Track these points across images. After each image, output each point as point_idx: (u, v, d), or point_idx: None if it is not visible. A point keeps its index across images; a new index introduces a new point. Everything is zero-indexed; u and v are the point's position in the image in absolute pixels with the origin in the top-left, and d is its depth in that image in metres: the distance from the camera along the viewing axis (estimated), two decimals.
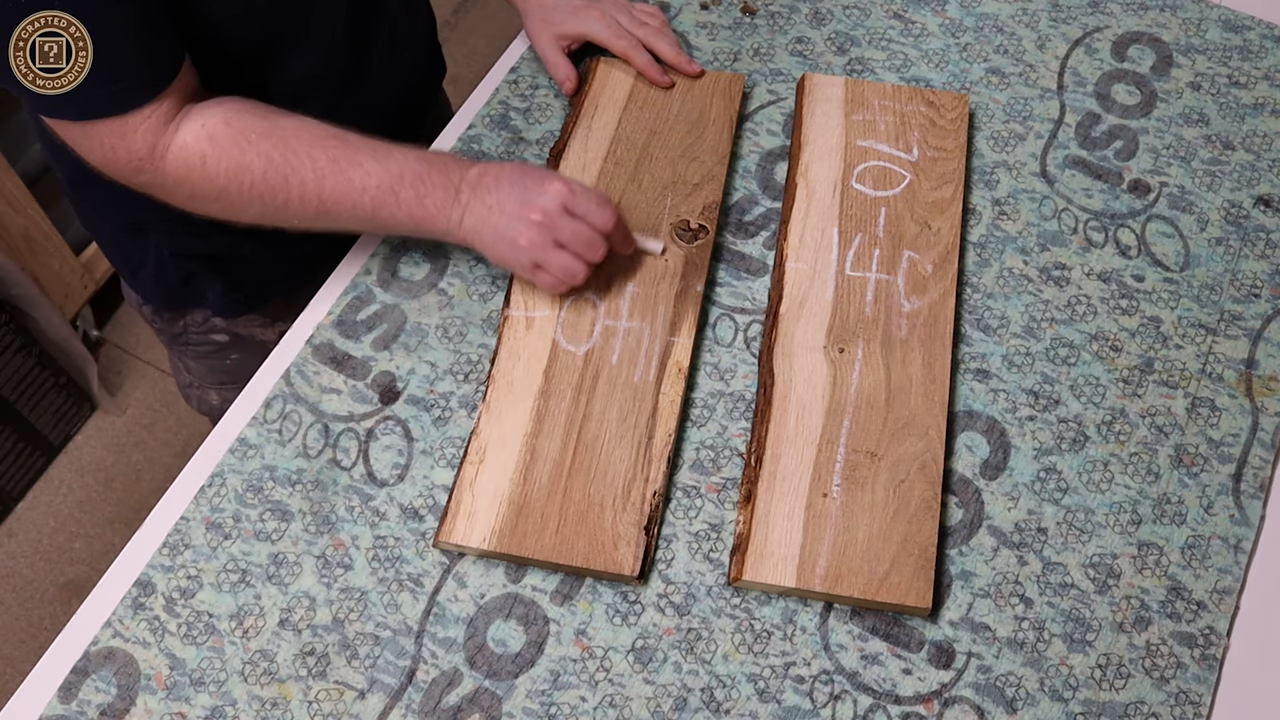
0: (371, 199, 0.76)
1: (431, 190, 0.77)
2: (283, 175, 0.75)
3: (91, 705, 0.70)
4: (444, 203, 0.78)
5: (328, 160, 0.76)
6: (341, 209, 0.77)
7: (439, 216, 0.78)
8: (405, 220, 0.78)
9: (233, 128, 0.75)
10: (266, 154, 0.75)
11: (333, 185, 0.76)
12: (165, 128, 0.74)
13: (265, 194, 0.76)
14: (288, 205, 0.77)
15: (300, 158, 0.75)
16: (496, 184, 0.78)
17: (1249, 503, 0.78)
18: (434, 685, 0.71)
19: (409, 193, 0.77)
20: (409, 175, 0.77)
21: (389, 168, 0.77)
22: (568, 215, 0.77)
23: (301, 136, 0.76)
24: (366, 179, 0.76)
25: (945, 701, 0.71)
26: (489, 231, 0.78)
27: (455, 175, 0.78)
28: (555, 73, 0.96)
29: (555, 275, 0.78)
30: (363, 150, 0.77)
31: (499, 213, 0.77)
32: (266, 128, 0.76)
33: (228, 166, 0.75)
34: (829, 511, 0.75)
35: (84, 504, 1.69)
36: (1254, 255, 0.89)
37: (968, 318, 0.86)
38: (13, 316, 1.55)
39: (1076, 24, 1.03)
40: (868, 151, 0.92)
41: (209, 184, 0.75)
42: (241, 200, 0.76)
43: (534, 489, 0.75)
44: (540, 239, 0.77)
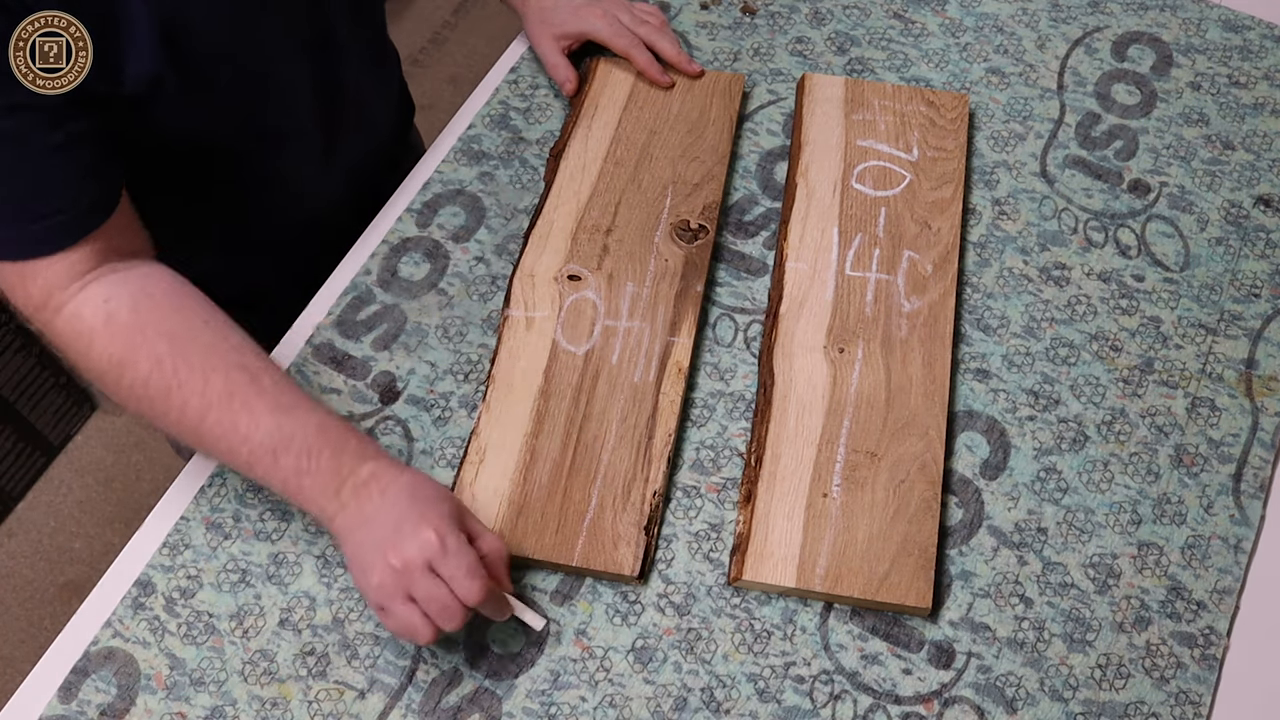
0: (249, 452, 0.67)
1: (315, 471, 0.67)
2: (167, 388, 0.67)
3: (91, 705, 0.70)
4: (322, 490, 0.67)
5: (222, 392, 0.67)
6: (217, 448, 0.69)
7: (311, 502, 0.68)
8: (278, 488, 0.68)
9: (138, 316, 0.68)
10: (159, 359, 0.67)
11: (215, 420, 0.67)
12: (68, 284, 0.68)
13: (143, 399, 0.68)
14: (165, 417, 0.69)
15: (194, 377, 0.67)
16: (380, 498, 0.67)
17: (1249, 503, 0.78)
18: (434, 685, 0.71)
19: (290, 462, 0.67)
20: (299, 444, 0.67)
21: (282, 427, 0.67)
22: (429, 573, 0.65)
23: (209, 354, 0.68)
24: (253, 430, 0.67)
25: (945, 701, 0.71)
26: (353, 545, 0.67)
27: (347, 466, 0.67)
28: (556, 74, 0.96)
29: (395, 626, 0.66)
30: (265, 395, 0.68)
31: (368, 531, 0.66)
32: (173, 328, 0.68)
33: (112, 356, 0.68)
34: (829, 511, 0.75)
35: (84, 504, 1.69)
36: (1254, 255, 0.89)
37: (968, 318, 0.86)
38: (13, 316, 1.55)
39: (1076, 24, 1.03)
40: (868, 151, 0.92)
41: (89, 364, 0.69)
42: (117, 393, 0.69)
43: (534, 489, 0.75)
44: (391, 585, 0.65)
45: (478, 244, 0.89)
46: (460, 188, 0.92)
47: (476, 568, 0.65)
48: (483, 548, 0.67)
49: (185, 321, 0.69)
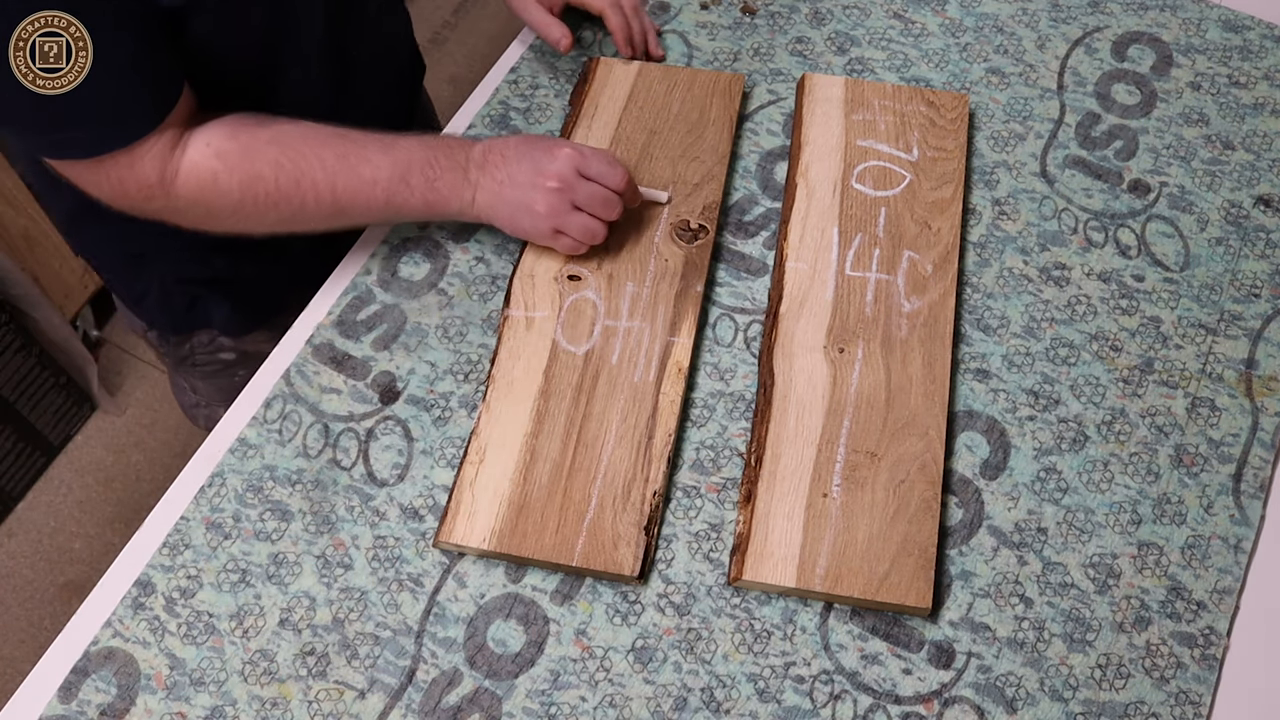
0: (384, 190, 0.78)
1: (441, 174, 0.79)
2: (294, 180, 0.76)
3: (91, 705, 0.70)
4: (455, 184, 0.80)
5: (336, 158, 0.77)
6: (356, 204, 0.78)
7: (452, 198, 0.80)
8: (419, 206, 0.80)
9: (238, 141, 0.76)
10: (275, 161, 0.76)
11: (344, 182, 0.77)
12: (171, 152, 0.74)
13: (280, 201, 0.76)
14: (303, 209, 0.77)
15: (309, 160, 0.76)
16: (504, 159, 0.80)
17: (1249, 503, 0.78)
18: (434, 685, 0.71)
19: (419, 179, 0.79)
20: (417, 162, 0.79)
21: (396, 157, 0.78)
22: (581, 178, 0.79)
23: (307, 139, 0.77)
24: (377, 172, 0.77)
25: (945, 701, 0.71)
26: (504, 205, 0.80)
27: (462, 156, 0.80)
28: (549, 33, 0.94)
29: (576, 237, 0.81)
30: (369, 144, 0.78)
31: (511, 186, 0.79)
32: (271, 135, 0.77)
33: (240, 179, 0.75)
34: (829, 511, 0.75)
35: (84, 504, 1.69)
36: (1254, 255, 0.89)
37: (968, 318, 0.86)
38: (13, 316, 1.55)
39: (1076, 24, 1.03)
40: (868, 151, 0.92)
41: (223, 200, 0.76)
42: (257, 210, 0.77)
43: (534, 489, 0.75)
44: (558, 204, 0.79)
45: (478, 244, 0.89)
46: None
47: (613, 157, 0.81)
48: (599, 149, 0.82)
49: (272, 128, 0.77)
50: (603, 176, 0.80)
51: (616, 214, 0.81)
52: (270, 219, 0.78)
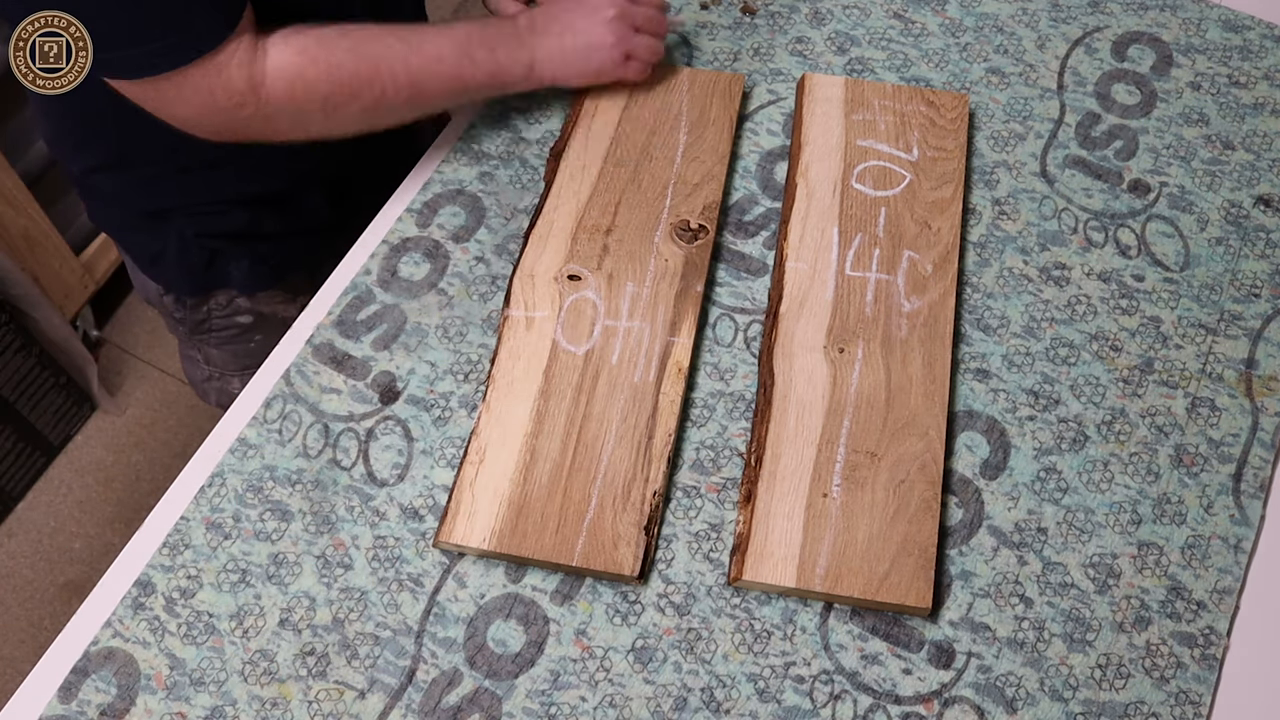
0: (451, 66, 0.83)
1: (499, 44, 0.85)
2: (373, 64, 0.80)
3: (91, 705, 0.70)
4: (513, 51, 0.86)
5: (401, 42, 0.81)
6: (429, 84, 0.83)
7: (513, 65, 0.86)
8: (484, 79, 0.85)
9: (311, 37, 0.79)
10: (351, 49, 0.80)
11: (417, 62, 0.82)
12: (254, 56, 0.76)
13: (363, 88, 0.80)
14: (384, 95, 0.81)
15: (380, 46, 0.81)
16: (553, 17, 0.88)
17: (1249, 503, 0.78)
18: (434, 685, 0.71)
19: (481, 52, 0.84)
20: (474, 37, 0.85)
21: (455, 36, 0.84)
22: (630, 2, 0.89)
23: (370, 31, 0.81)
24: (441, 50, 0.83)
25: (945, 701, 0.71)
26: (569, 53, 0.87)
27: (510, 27, 0.87)
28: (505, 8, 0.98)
29: (644, 58, 0.90)
30: (425, 30, 0.84)
31: (571, 33, 0.87)
32: (339, 31, 0.80)
33: (324, 70, 0.79)
34: (829, 511, 0.75)
35: (84, 504, 1.69)
36: (1254, 255, 0.89)
37: (968, 318, 0.86)
38: (13, 316, 1.55)
39: (1076, 24, 1.03)
40: (868, 151, 0.92)
41: (312, 95, 0.79)
42: (343, 101, 0.80)
43: (534, 489, 0.75)
44: (622, 31, 0.88)
45: (478, 244, 0.89)
46: (460, 188, 0.92)
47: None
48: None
49: (337, 28, 0.81)
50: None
51: (666, 28, 0.92)
52: (355, 111, 0.82)
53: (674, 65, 0.99)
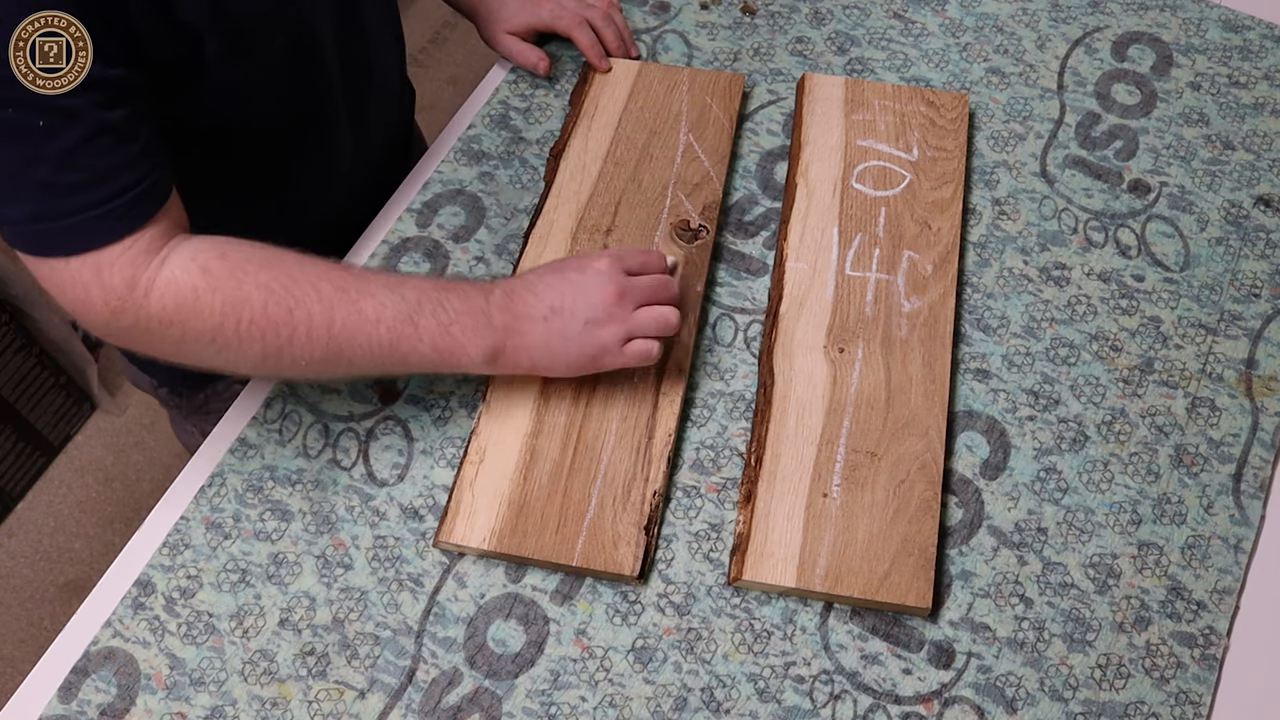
0: (388, 330, 0.68)
1: (456, 318, 0.69)
2: (286, 307, 0.67)
3: (91, 705, 0.70)
4: (473, 330, 0.70)
5: (335, 290, 0.68)
6: (355, 344, 0.68)
7: (469, 347, 0.70)
8: (428, 353, 0.70)
9: (228, 260, 0.67)
10: (267, 285, 0.67)
11: (343, 316, 0.68)
12: (149, 261, 0.66)
13: (267, 330, 0.67)
14: (293, 342, 0.67)
15: (305, 288, 0.67)
16: (536, 295, 0.72)
17: (1249, 503, 0.78)
18: (434, 685, 0.71)
19: (430, 321, 0.69)
20: (428, 302, 0.69)
21: (405, 297, 0.69)
22: (630, 276, 0.74)
23: (304, 266, 0.69)
24: (381, 309, 0.68)
25: (945, 701, 0.71)
26: (554, 342, 0.72)
27: (479, 299, 0.71)
28: (525, 60, 0.97)
29: (652, 333, 0.73)
30: (373, 279, 0.70)
31: (561, 317, 0.71)
32: (265, 258, 0.68)
33: (223, 299, 0.66)
34: (829, 511, 0.75)
35: (84, 504, 1.69)
36: (1254, 255, 0.89)
37: (968, 318, 0.86)
38: (13, 316, 1.55)
39: (1076, 24, 1.03)
40: (868, 151, 0.92)
41: (201, 322, 0.66)
42: (239, 340, 0.67)
43: (534, 489, 0.75)
44: (622, 310, 0.72)
45: (478, 244, 0.89)
46: (460, 188, 0.92)
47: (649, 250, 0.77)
48: None
49: (269, 251, 0.69)
50: (646, 265, 0.75)
51: (675, 292, 0.76)
52: (253, 352, 0.68)
53: (674, 65, 0.99)
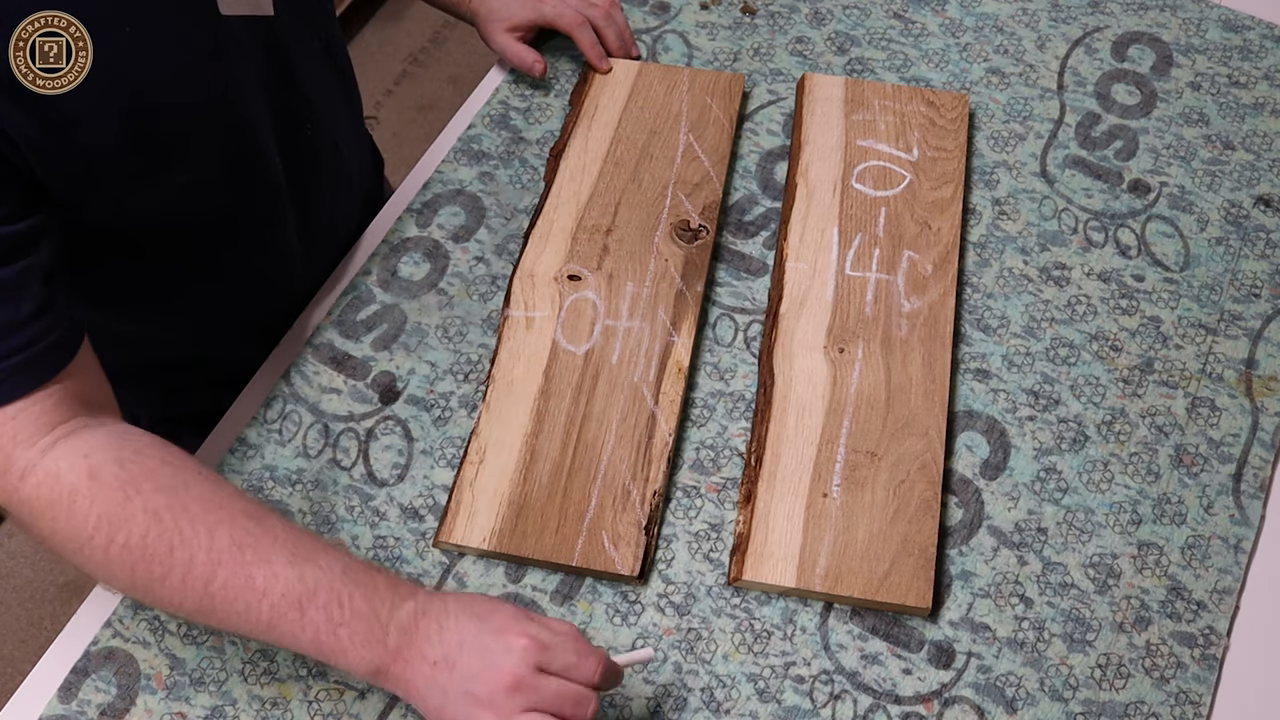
0: (270, 608, 0.59)
1: (350, 620, 0.60)
2: (169, 544, 0.59)
3: (91, 705, 0.70)
4: (364, 640, 0.60)
5: (231, 544, 0.60)
6: (231, 608, 0.60)
7: (352, 655, 0.60)
8: (308, 645, 0.60)
9: (124, 470, 0.60)
10: (156, 512, 0.59)
11: (226, 577, 0.59)
12: (35, 440, 0.60)
13: (139, 561, 0.59)
14: (165, 583, 0.60)
15: (198, 531, 0.60)
16: (441, 634, 0.60)
17: (1249, 503, 0.78)
18: None
19: (319, 614, 0.60)
20: (325, 593, 0.60)
21: (304, 576, 0.60)
22: (543, 674, 0.60)
23: (209, 507, 0.61)
24: (271, 582, 0.59)
25: (945, 701, 0.71)
26: (438, 693, 0.60)
27: (384, 609, 0.61)
28: (521, 61, 0.96)
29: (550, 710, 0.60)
30: (279, 543, 0.61)
31: (447, 673, 0.60)
32: (167, 482, 0.61)
33: (101, 513, 0.59)
34: (829, 511, 0.75)
35: None
36: (1254, 255, 0.89)
37: (968, 318, 0.86)
38: None
39: (1076, 24, 1.03)
40: (868, 151, 0.92)
41: (72, 529, 0.59)
42: (106, 561, 0.60)
43: (534, 489, 0.75)
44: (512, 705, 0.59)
45: (478, 244, 0.89)
46: (460, 188, 0.92)
47: (582, 644, 0.61)
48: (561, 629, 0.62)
49: (177, 473, 0.61)
50: (569, 670, 0.60)
51: (589, 715, 0.60)
52: (120, 577, 0.61)
53: (674, 65, 0.99)
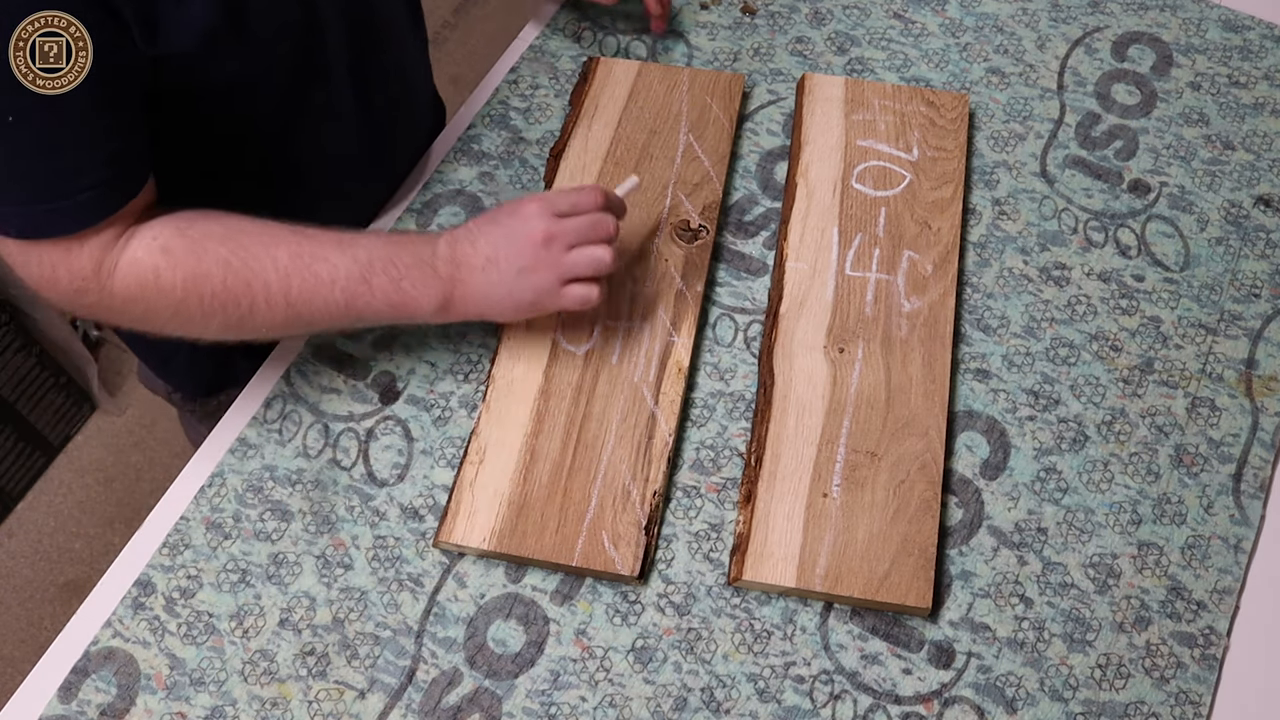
0: (343, 291, 0.71)
1: (407, 272, 0.72)
2: (244, 280, 0.70)
3: (91, 705, 0.70)
4: (424, 282, 0.73)
5: (290, 257, 0.71)
6: (312, 307, 0.72)
7: (421, 299, 0.73)
8: (382, 308, 0.73)
9: (187, 237, 0.70)
10: (225, 260, 0.69)
11: (299, 283, 0.71)
12: (115, 244, 0.69)
13: (228, 303, 0.70)
14: (253, 311, 0.71)
15: (261, 259, 0.70)
16: (474, 247, 0.74)
17: (1249, 503, 0.78)
18: (434, 685, 0.71)
19: (382, 279, 0.72)
20: (378, 261, 0.72)
21: (356, 256, 0.72)
22: (560, 218, 0.73)
23: (260, 237, 0.71)
24: (335, 271, 0.71)
25: (945, 701, 0.71)
26: (495, 288, 0.73)
27: (427, 252, 0.73)
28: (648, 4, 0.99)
29: (585, 274, 0.74)
30: (326, 243, 0.72)
31: (496, 266, 0.73)
32: (222, 232, 0.71)
33: (184, 277, 0.69)
34: (829, 511, 0.75)
35: (84, 504, 1.69)
36: (1254, 255, 0.89)
37: (968, 318, 0.86)
38: (13, 316, 1.55)
39: (1076, 24, 1.03)
40: (868, 151, 0.92)
41: (164, 299, 0.70)
42: (201, 313, 0.70)
43: (534, 489, 0.75)
44: (553, 255, 0.73)
45: None
46: (460, 188, 0.92)
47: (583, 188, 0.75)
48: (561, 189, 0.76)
49: (227, 224, 0.72)
50: (577, 205, 0.74)
51: (611, 230, 0.75)
52: (215, 323, 0.71)
53: (674, 65, 0.99)
